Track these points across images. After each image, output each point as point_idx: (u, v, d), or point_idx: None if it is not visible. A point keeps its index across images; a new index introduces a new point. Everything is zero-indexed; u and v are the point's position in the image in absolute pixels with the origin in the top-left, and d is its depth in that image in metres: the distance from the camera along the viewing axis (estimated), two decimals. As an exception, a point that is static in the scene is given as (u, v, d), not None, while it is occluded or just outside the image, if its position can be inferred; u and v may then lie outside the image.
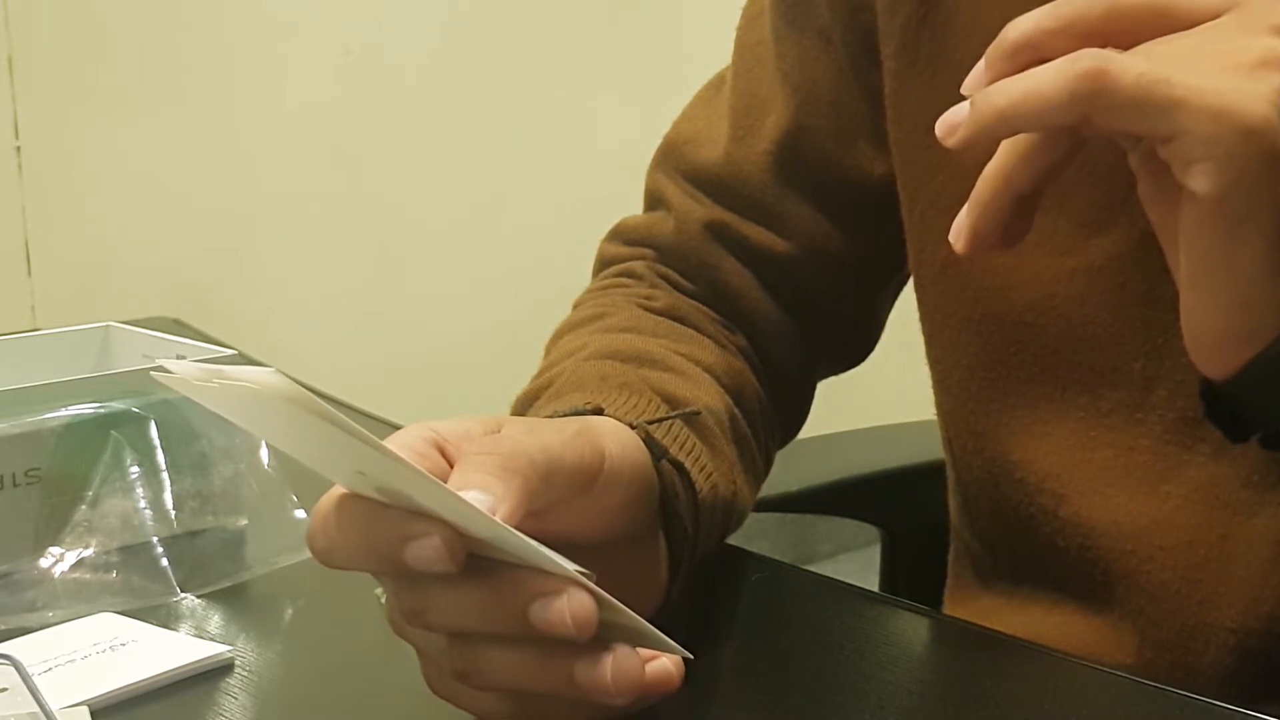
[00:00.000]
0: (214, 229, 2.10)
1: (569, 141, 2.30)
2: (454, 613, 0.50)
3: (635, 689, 0.50)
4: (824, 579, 0.70)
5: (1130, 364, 0.67)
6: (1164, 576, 0.67)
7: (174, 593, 0.70)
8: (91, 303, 1.94)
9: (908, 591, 1.03)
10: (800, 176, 0.80)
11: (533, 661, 0.50)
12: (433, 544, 0.48)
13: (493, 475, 0.49)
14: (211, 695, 0.61)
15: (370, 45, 2.15)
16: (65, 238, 2.00)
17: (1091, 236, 0.67)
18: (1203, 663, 0.67)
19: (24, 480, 0.72)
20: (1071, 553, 0.69)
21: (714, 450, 0.67)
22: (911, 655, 0.66)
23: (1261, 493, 0.65)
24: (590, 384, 0.66)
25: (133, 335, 0.85)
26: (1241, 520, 0.65)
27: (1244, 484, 0.65)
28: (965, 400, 0.73)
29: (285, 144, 2.12)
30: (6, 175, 1.94)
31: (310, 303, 2.17)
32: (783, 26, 0.80)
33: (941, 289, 0.73)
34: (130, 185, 2.03)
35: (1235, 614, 0.66)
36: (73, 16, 1.95)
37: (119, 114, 2.00)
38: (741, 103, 0.82)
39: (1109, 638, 0.69)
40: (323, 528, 0.51)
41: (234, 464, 0.76)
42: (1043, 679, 0.61)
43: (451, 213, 2.24)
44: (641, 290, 0.81)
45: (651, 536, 0.61)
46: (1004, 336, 0.70)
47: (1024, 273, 0.69)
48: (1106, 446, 0.68)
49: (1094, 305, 0.67)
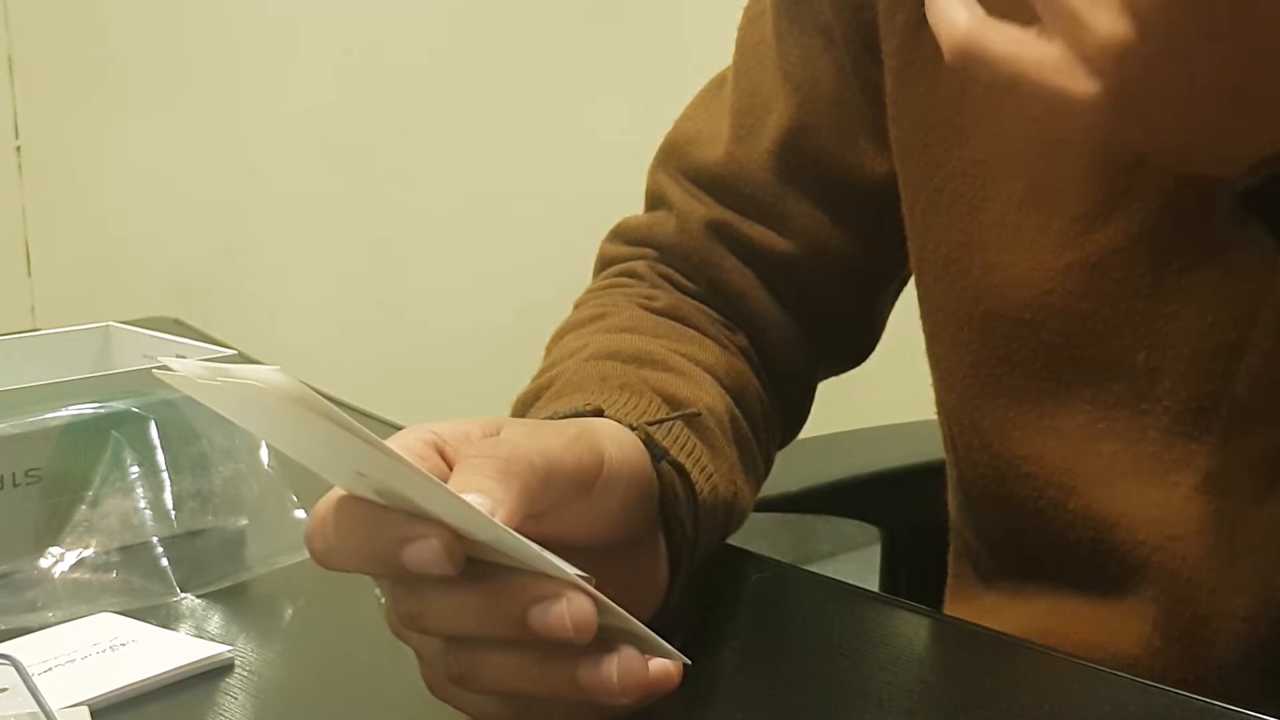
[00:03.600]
0: (214, 229, 2.10)
1: (569, 141, 2.30)
2: (452, 617, 0.50)
3: (641, 688, 0.50)
4: (824, 579, 0.70)
5: (1133, 356, 0.67)
6: (1174, 566, 0.67)
7: (174, 593, 0.70)
8: (91, 303, 1.94)
9: (908, 591, 1.03)
10: (802, 175, 0.80)
11: (531, 665, 0.50)
12: (431, 546, 0.48)
13: (492, 479, 0.49)
14: (211, 695, 0.61)
15: (370, 46, 2.15)
16: (65, 238, 2.00)
17: (1088, 232, 0.67)
18: (1213, 652, 0.67)
19: (24, 480, 0.72)
20: (1082, 546, 0.69)
21: (714, 451, 0.67)
22: (911, 655, 0.66)
23: (1270, 480, 0.65)
24: (591, 385, 0.66)
25: (133, 335, 0.85)
26: (1250, 509, 0.65)
27: (1251, 472, 0.65)
28: (970, 397, 0.73)
29: (285, 144, 2.12)
30: (6, 175, 1.94)
31: (310, 303, 2.17)
32: (784, 25, 0.80)
33: (944, 286, 0.73)
34: (130, 185, 2.03)
35: (1246, 603, 0.66)
36: (73, 16, 1.95)
37: (119, 114, 2.00)
38: (743, 102, 0.82)
39: (1118, 629, 0.69)
40: (321, 530, 0.51)
41: (234, 464, 0.76)
42: (1043, 679, 0.61)
43: (452, 213, 2.24)
44: (642, 290, 0.81)
45: (651, 538, 0.61)
46: (1007, 333, 0.70)
47: (1023, 269, 0.69)
48: (1114, 439, 0.68)
49: (1094, 300, 0.67)
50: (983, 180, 0.71)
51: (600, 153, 2.27)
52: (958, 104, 0.71)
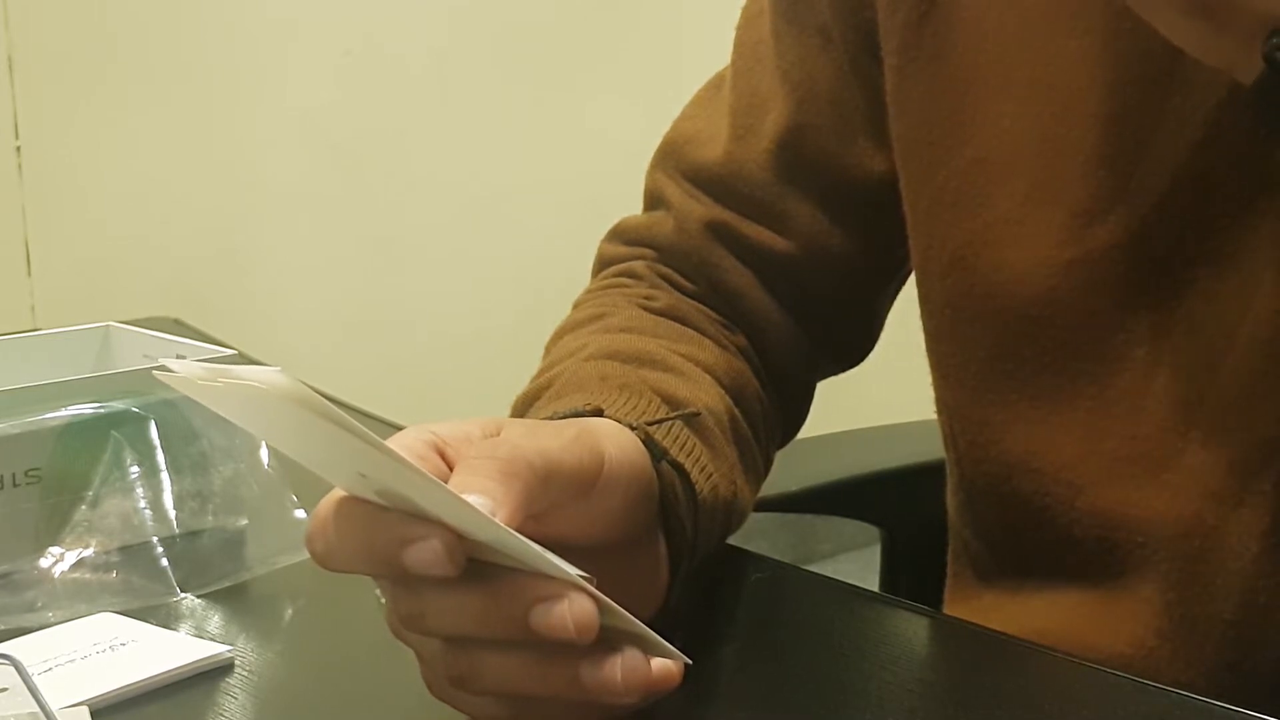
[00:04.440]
0: (214, 229, 2.10)
1: (569, 141, 2.30)
2: (452, 618, 0.50)
3: (644, 687, 0.50)
4: (824, 579, 0.70)
5: (1134, 351, 0.67)
6: (1165, 567, 0.67)
7: (174, 593, 0.70)
8: (91, 303, 1.94)
9: (908, 591, 1.03)
10: (801, 175, 0.80)
11: (532, 665, 0.50)
12: (431, 547, 0.47)
13: (492, 479, 0.49)
14: (211, 695, 0.61)
15: (370, 45, 2.15)
16: (65, 238, 2.00)
17: (1090, 226, 0.67)
18: (1204, 654, 0.67)
19: (24, 480, 0.72)
20: (1087, 544, 0.69)
21: (714, 451, 0.67)
22: (911, 655, 0.66)
23: (1244, 481, 0.65)
24: (590, 385, 0.66)
25: (133, 335, 0.85)
26: (1228, 510, 0.65)
27: (1228, 472, 0.65)
28: (977, 394, 0.73)
29: (285, 144, 2.12)
30: (6, 175, 1.94)
31: (310, 303, 2.17)
32: (783, 25, 0.80)
33: (948, 284, 0.73)
34: (130, 185, 2.03)
35: (1232, 607, 0.66)
36: (73, 16, 1.95)
37: (119, 114, 2.00)
38: (741, 102, 0.82)
39: (1115, 629, 0.69)
40: (321, 530, 0.51)
41: (234, 464, 0.76)
42: (1043, 679, 0.61)
43: (451, 213, 2.24)
44: (641, 290, 0.81)
45: (651, 538, 0.61)
46: (1014, 329, 0.70)
47: (1027, 266, 0.69)
48: (1115, 436, 0.68)
49: (1097, 295, 0.68)
50: (985, 178, 0.71)
51: (599, 153, 2.27)
52: (959, 102, 0.71)
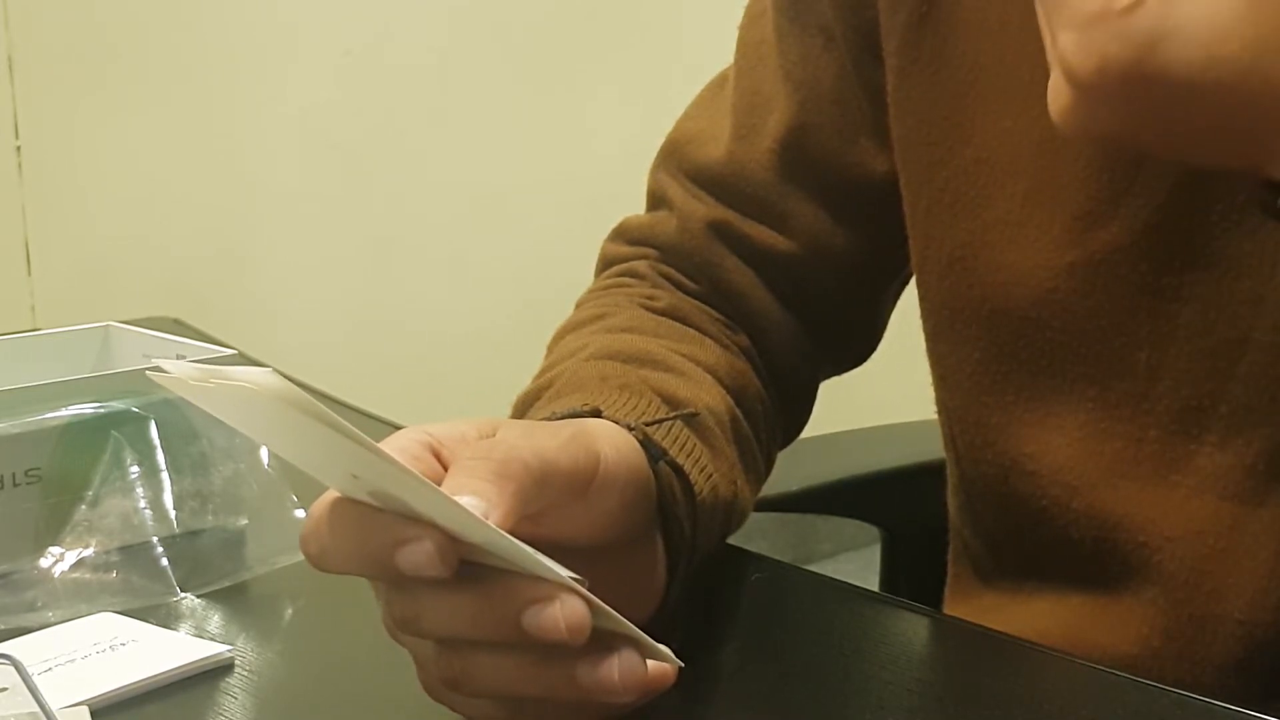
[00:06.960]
0: (214, 229, 2.10)
1: (569, 141, 2.30)
2: (446, 619, 0.50)
3: (641, 687, 0.50)
4: (824, 579, 0.70)
5: (1135, 354, 0.67)
6: (1172, 567, 0.67)
7: (174, 592, 0.70)
8: (91, 303, 1.94)
9: (908, 591, 1.03)
10: (803, 175, 0.80)
11: (526, 667, 0.50)
12: (424, 549, 0.47)
13: (486, 480, 0.49)
14: (211, 695, 0.61)
15: (370, 46, 2.15)
16: (65, 238, 2.00)
17: (1091, 229, 0.67)
18: (1211, 653, 0.67)
19: (24, 480, 0.72)
20: (1085, 545, 0.69)
21: (714, 451, 0.67)
22: (911, 655, 0.66)
23: (1267, 481, 0.65)
24: (590, 385, 0.66)
25: (133, 335, 0.85)
26: (1248, 510, 0.65)
27: (1249, 473, 0.65)
28: (975, 394, 0.73)
29: (285, 144, 2.12)
30: (6, 175, 1.94)
31: (310, 303, 2.17)
32: (785, 24, 0.80)
33: (947, 285, 0.73)
34: (130, 185, 2.03)
35: (1243, 605, 0.66)
36: (73, 16, 1.95)
37: (119, 114, 2.00)
38: (744, 101, 0.82)
39: (1117, 629, 0.69)
40: (316, 532, 0.51)
41: (234, 464, 0.76)
42: (1043, 679, 0.61)
43: (452, 213, 2.24)
44: (644, 290, 0.81)
45: (649, 539, 0.61)
46: (1012, 331, 0.70)
47: (1027, 268, 0.69)
48: (1116, 438, 0.68)
49: (1097, 298, 0.67)
50: (985, 179, 0.71)
51: (601, 153, 2.27)
52: (960, 103, 0.71)
